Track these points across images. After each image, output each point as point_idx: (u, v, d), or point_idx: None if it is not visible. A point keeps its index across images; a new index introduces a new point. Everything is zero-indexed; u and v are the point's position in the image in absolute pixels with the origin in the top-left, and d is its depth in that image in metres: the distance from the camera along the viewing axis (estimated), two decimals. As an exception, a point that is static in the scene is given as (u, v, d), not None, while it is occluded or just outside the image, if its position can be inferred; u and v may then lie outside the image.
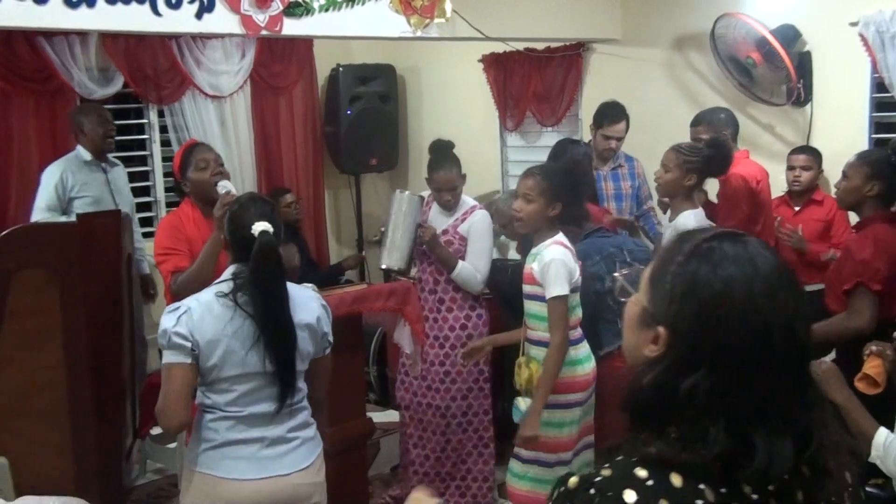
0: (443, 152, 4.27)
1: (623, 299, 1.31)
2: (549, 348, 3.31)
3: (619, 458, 1.18)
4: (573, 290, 3.39)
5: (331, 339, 2.78)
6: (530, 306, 3.47)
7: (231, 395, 2.56)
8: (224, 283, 2.61)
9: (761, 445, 1.10)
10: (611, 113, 4.69)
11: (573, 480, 1.18)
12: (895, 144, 3.45)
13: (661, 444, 1.14)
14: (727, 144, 3.95)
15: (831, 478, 1.17)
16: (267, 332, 2.53)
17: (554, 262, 3.31)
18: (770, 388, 1.14)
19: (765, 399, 1.13)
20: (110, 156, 4.91)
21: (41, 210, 4.59)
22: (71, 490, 3.18)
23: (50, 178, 4.63)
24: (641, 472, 1.13)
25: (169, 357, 2.52)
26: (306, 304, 2.69)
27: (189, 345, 2.49)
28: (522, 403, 3.40)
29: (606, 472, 1.15)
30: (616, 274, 1.28)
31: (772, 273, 1.16)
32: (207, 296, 2.59)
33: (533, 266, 3.40)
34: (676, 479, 1.12)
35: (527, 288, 3.46)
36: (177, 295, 3.20)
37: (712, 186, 4.18)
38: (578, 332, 3.48)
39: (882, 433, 2.55)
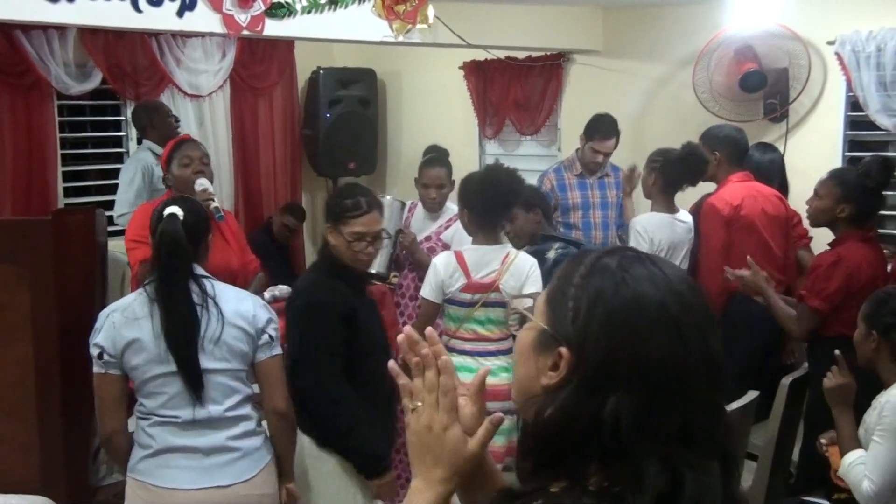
0: (437, 154, 4.38)
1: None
2: None
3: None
4: (452, 302, 3.39)
5: (275, 342, 2.65)
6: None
7: (162, 398, 2.51)
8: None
9: (689, 480, 0.99)
10: (603, 128, 4.71)
11: None
12: (868, 167, 3.38)
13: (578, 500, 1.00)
14: (696, 152, 3.98)
15: None
16: (167, 320, 2.47)
17: (431, 265, 3.44)
18: (692, 408, 1.03)
19: (688, 422, 1.02)
20: None
21: (128, 204, 4.71)
22: (37, 489, 3.15)
23: (132, 172, 4.79)
24: None
25: (94, 366, 2.52)
26: (239, 303, 2.61)
27: (99, 352, 2.48)
28: None
29: None
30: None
31: (685, 288, 1.07)
32: (132, 295, 2.58)
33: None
34: None
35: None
36: (142, 283, 3.17)
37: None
38: (472, 346, 3.36)
39: (851, 455, 2.63)
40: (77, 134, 5.54)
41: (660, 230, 3.94)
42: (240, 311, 2.58)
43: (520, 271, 3.34)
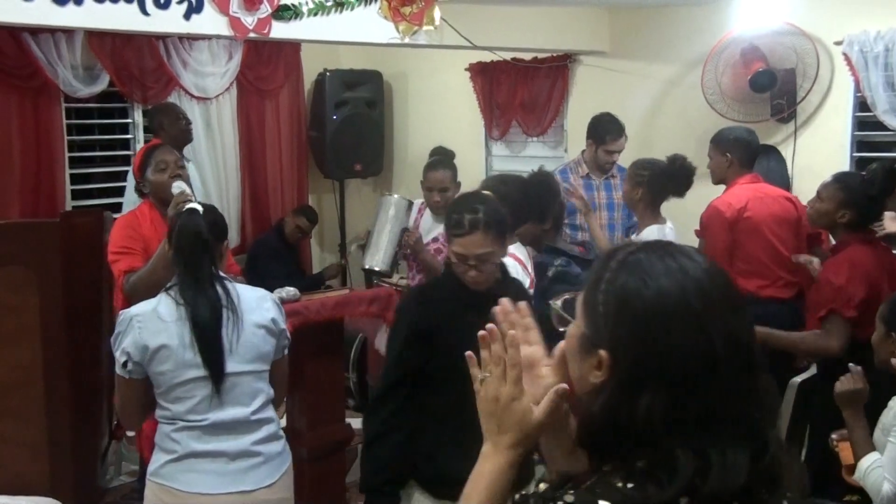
0: (441, 156, 4.34)
1: (562, 328, 1.24)
2: None
3: (585, 487, 1.12)
4: None
5: (288, 337, 2.72)
6: None
7: (190, 403, 2.50)
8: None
9: (716, 459, 1.07)
10: (614, 129, 4.72)
11: (532, 501, 1.15)
12: (873, 174, 3.36)
13: (629, 483, 1.08)
14: (683, 163, 3.95)
15: (782, 490, 1.14)
16: (195, 322, 2.46)
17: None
18: (720, 397, 1.09)
19: (716, 409, 1.09)
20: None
21: (130, 203, 4.70)
22: (45, 490, 3.16)
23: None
24: None
25: (117, 368, 2.51)
26: (259, 303, 2.63)
27: (125, 360, 2.47)
28: None
29: (569, 499, 1.11)
30: (551, 301, 1.23)
31: (704, 277, 1.13)
32: (156, 300, 2.56)
33: None
34: None
35: None
36: (128, 295, 3.17)
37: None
38: None
39: (869, 458, 2.61)
40: (85, 136, 5.55)
41: None
42: (262, 311, 2.61)
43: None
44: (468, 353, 1.28)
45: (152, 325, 2.48)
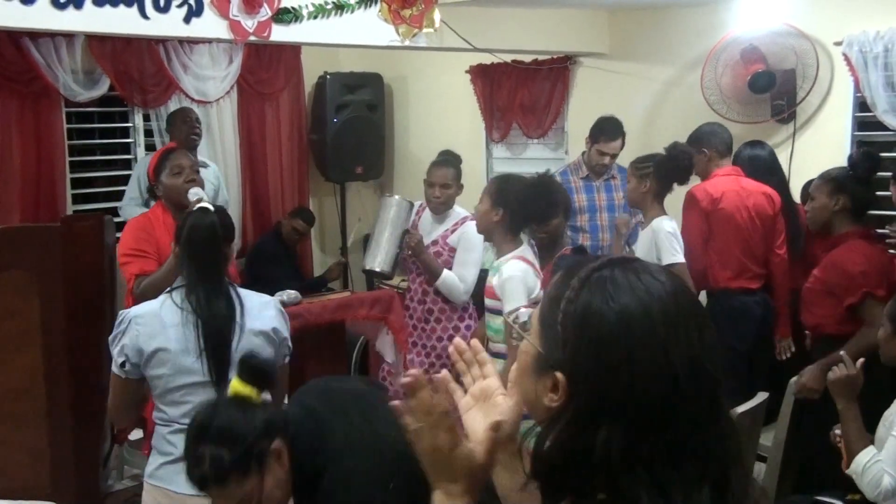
0: (449, 156, 4.39)
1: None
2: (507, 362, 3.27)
3: None
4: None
5: (290, 344, 2.70)
6: (491, 320, 3.43)
7: (186, 407, 2.49)
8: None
9: (680, 502, 1.01)
10: (608, 129, 4.72)
11: None
12: (851, 159, 3.56)
13: None
14: (683, 148, 4.02)
15: None
16: (205, 324, 2.44)
17: (511, 280, 3.25)
18: (683, 429, 1.03)
19: (679, 443, 1.03)
20: (202, 158, 5.07)
21: (125, 202, 5.02)
22: (47, 494, 3.16)
23: (135, 171, 5.06)
24: None
25: (113, 367, 2.51)
26: (261, 310, 2.61)
27: (123, 360, 2.47)
28: None
29: None
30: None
31: (669, 300, 1.05)
32: (157, 301, 2.54)
33: (493, 280, 3.38)
34: None
35: (488, 301, 3.43)
36: (139, 299, 3.16)
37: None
38: None
39: (867, 453, 2.59)
40: (85, 141, 5.56)
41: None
42: (263, 318, 2.59)
43: None
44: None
45: (151, 327, 2.47)
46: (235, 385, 1.91)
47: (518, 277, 3.25)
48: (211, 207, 2.61)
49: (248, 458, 1.83)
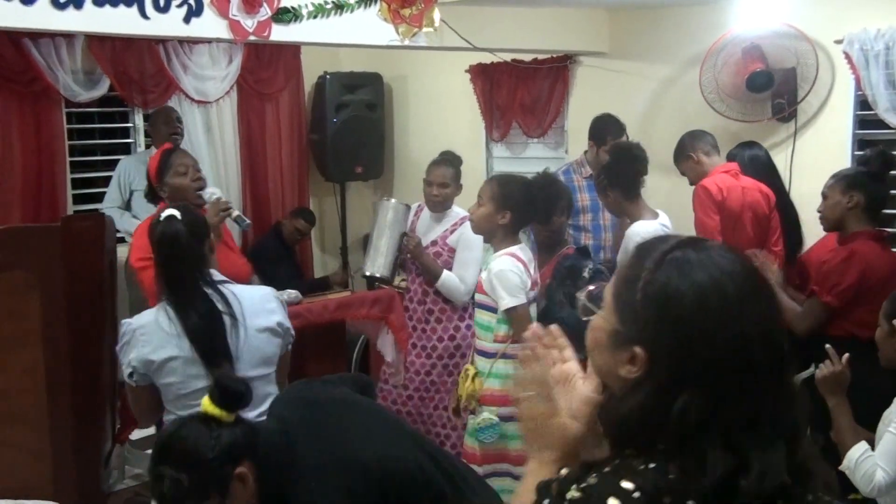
0: (450, 156, 4.40)
1: (586, 318, 1.26)
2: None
3: (608, 470, 1.13)
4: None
5: (293, 332, 2.72)
6: (478, 315, 3.46)
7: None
8: None
9: (755, 459, 1.08)
10: (615, 129, 4.75)
11: (555, 486, 1.17)
12: (865, 156, 3.58)
13: (651, 469, 1.10)
14: (624, 144, 4.11)
15: (815, 483, 1.15)
16: (189, 332, 2.45)
17: (500, 274, 3.28)
18: (757, 396, 1.11)
19: (753, 408, 1.10)
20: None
21: (106, 202, 5.13)
22: (49, 495, 3.15)
23: (115, 173, 5.15)
24: (628, 485, 1.09)
25: (125, 377, 2.54)
26: (263, 304, 2.62)
27: (131, 372, 2.48)
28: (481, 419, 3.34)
29: (592, 481, 1.12)
30: (578, 294, 1.27)
31: (740, 277, 1.13)
32: (154, 312, 2.54)
33: (483, 275, 3.40)
34: (666, 499, 1.08)
35: (477, 296, 3.47)
36: None
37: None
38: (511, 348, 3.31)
39: (859, 448, 2.58)
40: (85, 141, 5.56)
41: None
42: (266, 314, 2.61)
43: None
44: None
45: (156, 337, 2.48)
46: (206, 404, 1.89)
47: (506, 271, 3.28)
48: (178, 214, 2.57)
49: (208, 482, 1.81)
